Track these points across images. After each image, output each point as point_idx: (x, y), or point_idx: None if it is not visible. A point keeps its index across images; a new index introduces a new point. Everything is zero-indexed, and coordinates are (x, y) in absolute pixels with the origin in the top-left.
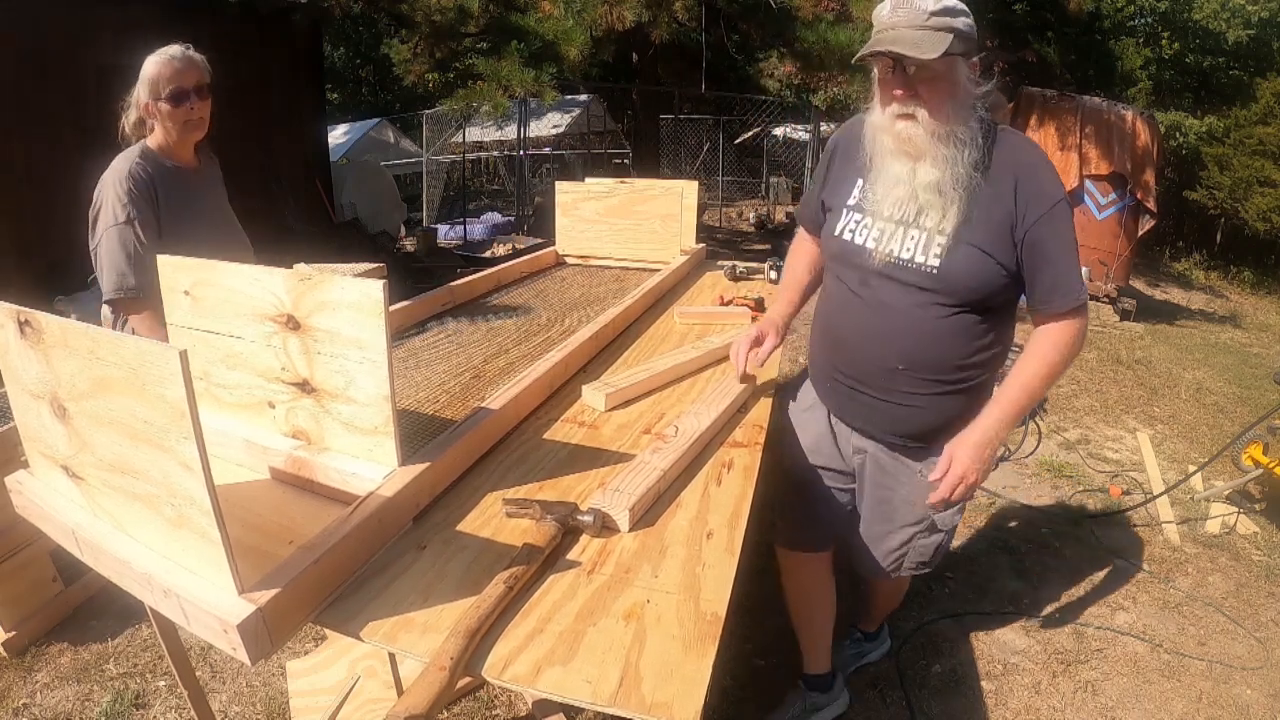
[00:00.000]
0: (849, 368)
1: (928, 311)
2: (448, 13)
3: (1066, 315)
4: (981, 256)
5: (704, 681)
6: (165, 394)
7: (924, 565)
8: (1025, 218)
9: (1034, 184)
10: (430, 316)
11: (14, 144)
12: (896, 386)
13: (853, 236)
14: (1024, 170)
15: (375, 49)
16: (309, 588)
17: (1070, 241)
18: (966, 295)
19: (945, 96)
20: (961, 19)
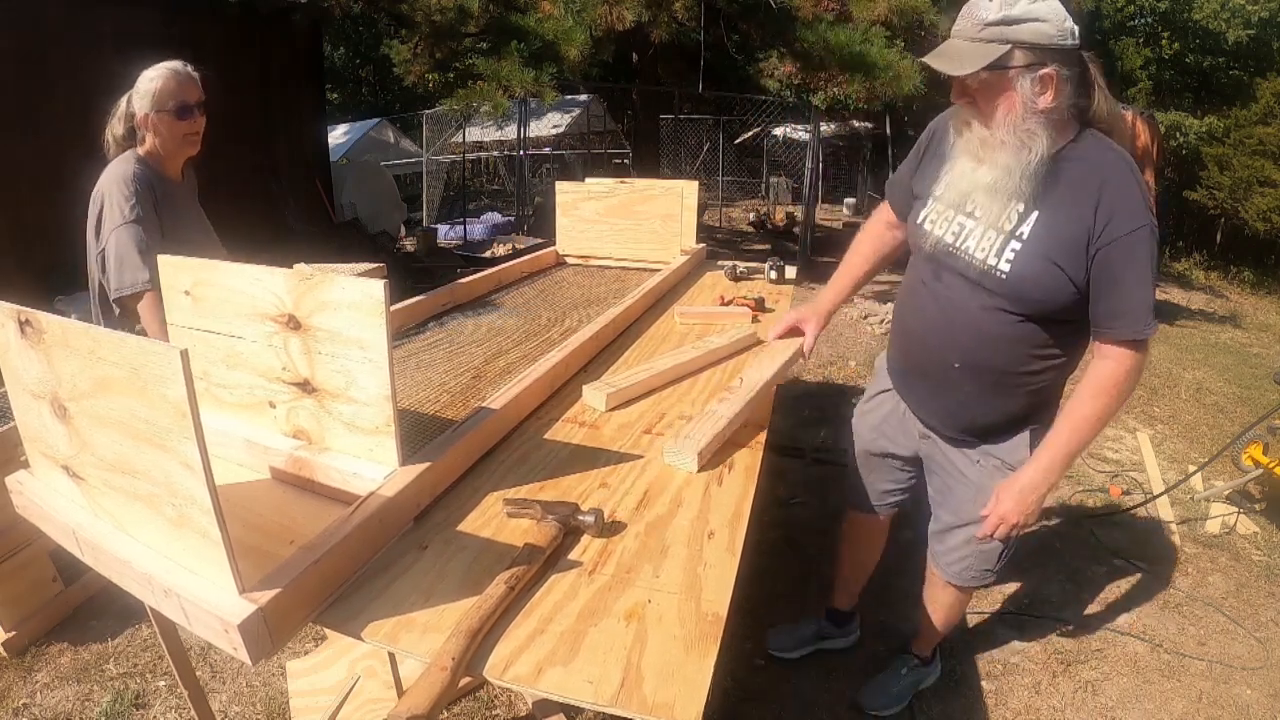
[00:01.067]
0: (913, 358)
1: (992, 316)
2: (448, 13)
3: (1125, 345)
4: (1051, 268)
5: (706, 682)
6: (166, 394)
7: (988, 572)
8: (1102, 235)
9: (1118, 203)
10: (431, 317)
11: (14, 144)
12: (954, 382)
13: (933, 228)
14: (1110, 188)
15: (375, 49)
16: (310, 588)
17: (1146, 271)
18: (1032, 307)
19: (998, 107)
20: (1029, 26)
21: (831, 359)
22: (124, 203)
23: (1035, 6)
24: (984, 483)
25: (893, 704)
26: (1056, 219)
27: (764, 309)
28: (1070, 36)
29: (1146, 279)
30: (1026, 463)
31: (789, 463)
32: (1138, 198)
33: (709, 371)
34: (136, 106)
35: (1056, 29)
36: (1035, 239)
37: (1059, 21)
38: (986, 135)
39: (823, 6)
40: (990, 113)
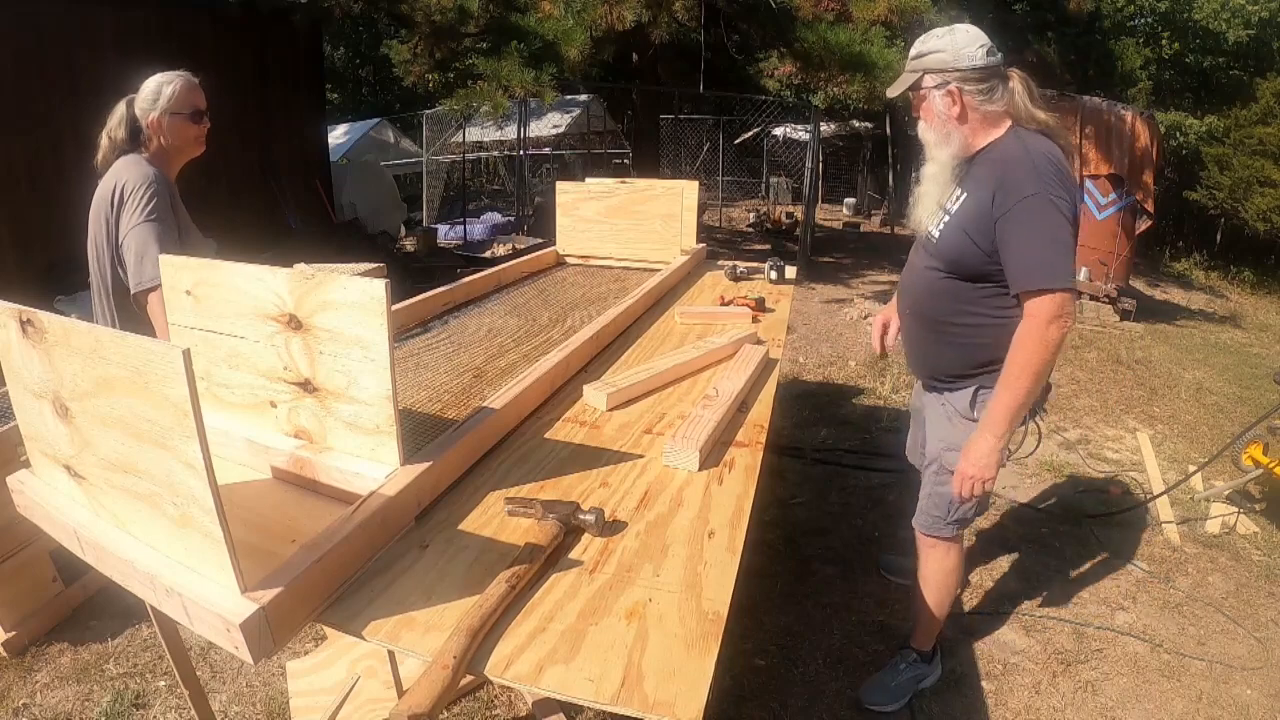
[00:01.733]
0: (899, 314)
1: (929, 273)
2: (448, 13)
3: (1030, 297)
4: (963, 236)
5: (706, 680)
6: (168, 393)
7: (940, 520)
8: (997, 209)
9: (1009, 181)
10: (431, 317)
11: (14, 145)
12: (913, 329)
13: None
14: (1005, 167)
15: (375, 49)
16: (311, 587)
17: (1036, 231)
18: (952, 265)
19: (927, 115)
20: (932, 57)
21: (831, 359)
22: (149, 201)
23: (937, 42)
24: (939, 425)
25: (891, 700)
26: (971, 198)
27: (764, 309)
28: (970, 60)
29: (1035, 239)
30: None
31: (789, 463)
32: (1027, 175)
33: (709, 371)
34: (146, 109)
35: (953, 55)
36: (957, 214)
37: (958, 49)
38: (927, 134)
39: (823, 6)
40: (926, 121)
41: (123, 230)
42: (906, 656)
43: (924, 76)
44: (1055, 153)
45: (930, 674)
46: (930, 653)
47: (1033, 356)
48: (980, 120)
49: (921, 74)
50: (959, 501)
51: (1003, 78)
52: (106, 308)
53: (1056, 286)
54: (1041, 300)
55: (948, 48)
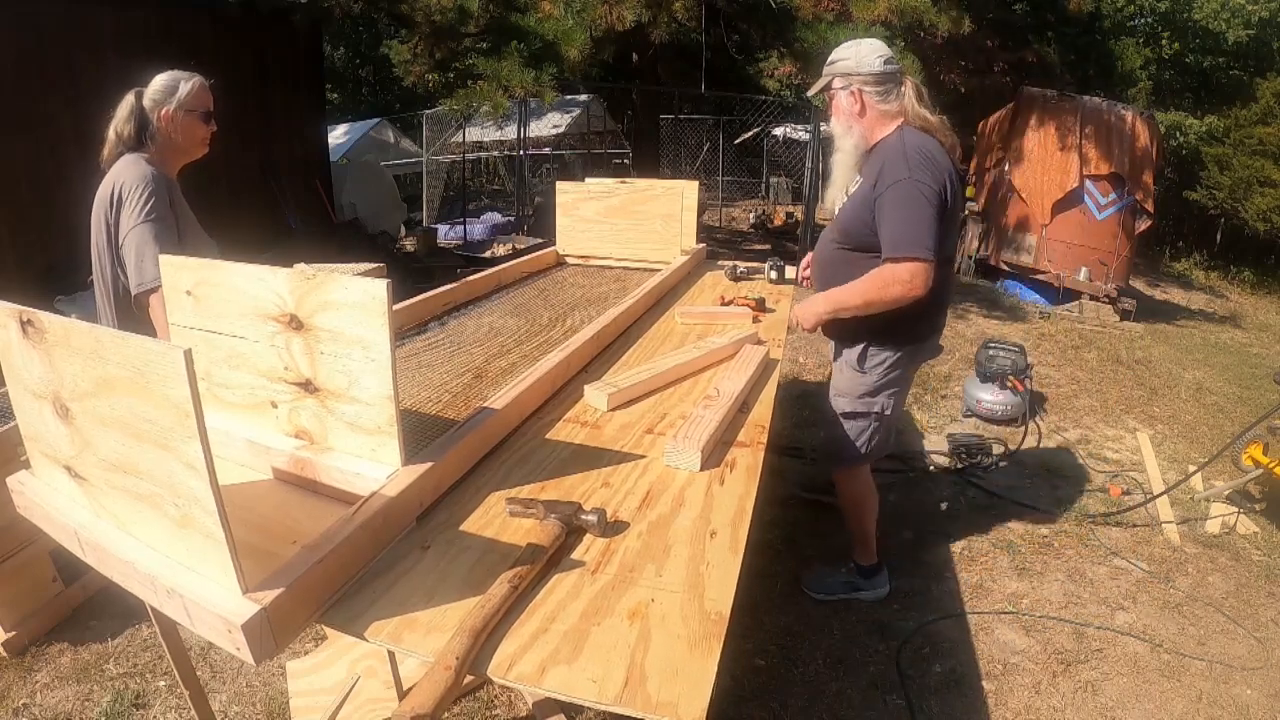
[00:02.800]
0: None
1: (832, 246)
2: (448, 13)
3: (888, 261)
4: (856, 214)
5: (709, 680)
6: (169, 394)
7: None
8: (876, 191)
9: (884, 168)
10: (431, 317)
11: (14, 145)
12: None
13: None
14: (885, 157)
15: (375, 49)
16: (313, 587)
17: (900, 210)
18: (846, 238)
19: (836, 111)
20: (839, 64)
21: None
22: (147, 201)
23: (845, 52)
24: (837, 377)
25: (822, 591)
26: (864, 183)
27: (764, 309)
28: (870, 67)
29: (898, 216)
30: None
31: (789, 463)
32: (897, 163)
33: (710, 372)
34: (161, 101)
35: (857, 63)
36: (853, 197)
37: (861, 58)
38: (834, 128)
39: (823, 6)
40: (835, 116)
41: (122, 231)
42: (846, 564)
43: (834, 80)
44: (929, 146)
45: (868, 589)
46: (870, 569)
47: (870, 289)
48: (876, 117)
49: (832, 78)
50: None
51: (898, 83)
52: (108, 309)
53: (911, 255)
54: (899, 266)
55: (853, 56)
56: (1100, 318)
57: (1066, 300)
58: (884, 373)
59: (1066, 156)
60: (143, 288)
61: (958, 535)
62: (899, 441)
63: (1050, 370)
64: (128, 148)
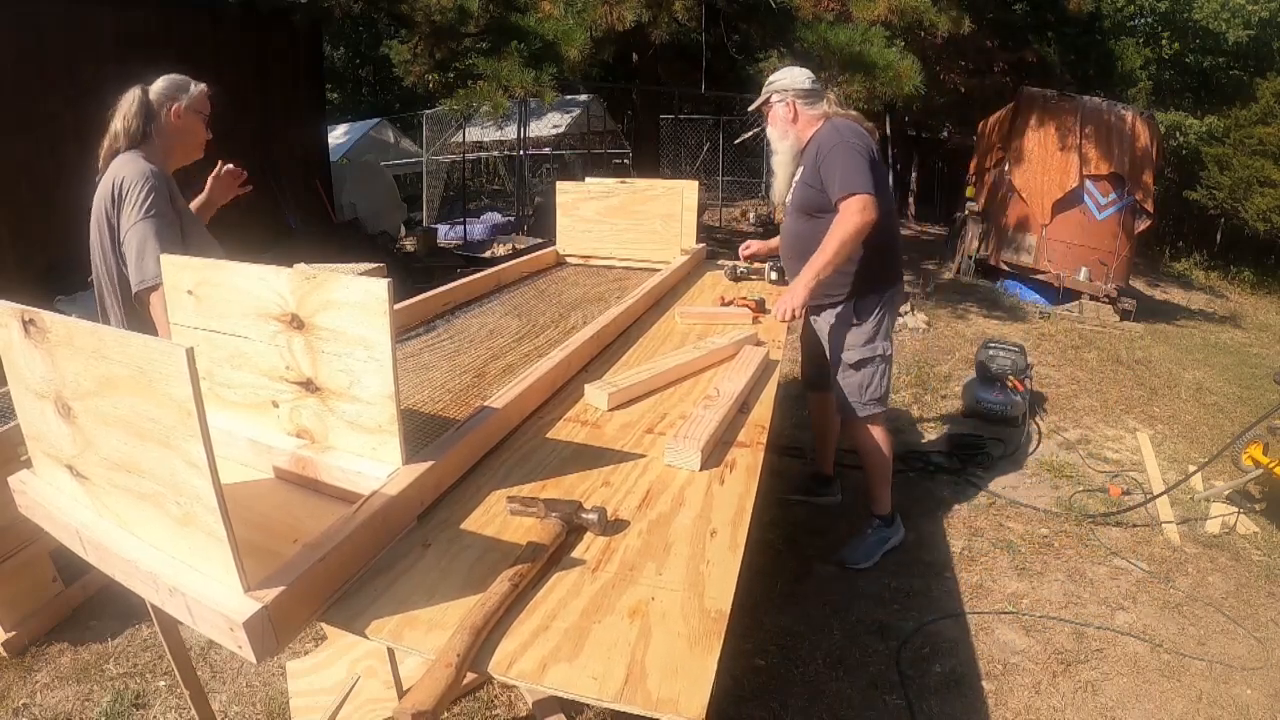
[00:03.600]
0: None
1: (797, 221)
2: (448, 13)
3: (839, 203)
4: (808, 188)
5: (710, 677)
6: (172, 392)
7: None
8: (818, 161)
9: (821, 147)
10: (432, 316)
11: (14, 144)
12: (794, 270)
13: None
14: (820, 139)
15: (375, 49)
16: (314, 586)
17: (840, 163)
18: (806, 208)
19: (774, 121)
20: (777, 83)
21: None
22: (148, 198)
23: (778, 75)
24: (837, 333)
25: (866, 559)
26: (808, 166)
27: (764, 309)
28: (800, 84)
29: (839, 167)
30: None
31: (789, 462)
32: (832, 135)
33: (710, 372)
34: (172, 96)
35: (791, 81)
36: (800, 179)
37: (794, 78)
38: (773, 134)
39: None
40: (773, 125)
41: (123, 228)
42: (870, 523)
43: (772, 95)
44: (852, 123)
45: (894, 535)
46: (890, 517)
47: (836, 232)
48: (807, 120)
49: (770, 94)
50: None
51: (821, 96)
52: (116, 308)
53: (856, 191)
54: (848, 201)
55: (787, 76)
56: (1100, 318)
57: (1066, 300)
58: (878, 317)
59: (1066, 156)
60: (143, 285)
61: (958, 535)
62: (899, 441)
63: (1050, 370)
64: (130, 143)
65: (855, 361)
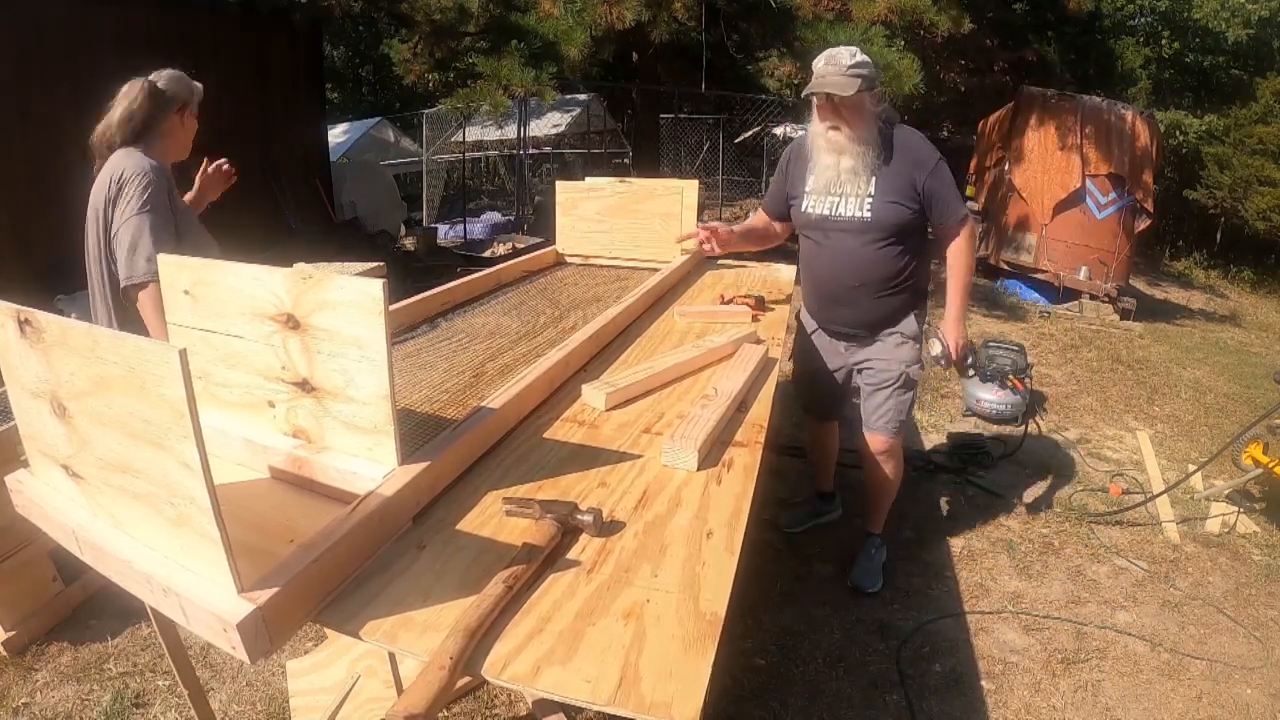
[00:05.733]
0: (828, 293)
1: (867, 247)
2: (447, 12)
3: (954, 226)
4: (895, 205)
5: (704, 681)
6: (165, 393)
7: (903, 421)
8: (918, 177)
9: (917, 156)
10: (430, 316)
11: (14, 144)
12: (858, 297)
13: (813, 210)
14: (911, 151)
15: (375, 48)
16: (309, 587)
17: (948, 185)
18: (889, 230)
19: (858, 116)
20: (867, 69)
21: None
22: (145, 193)
23: (861, 56)
24: (893, 352)
25: (878, 579)
26: (891, 176)
27: (764, 308)
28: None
29: (951, 187)
30: (945, 312)
31: (788, 462)
32: (926, 149)
33: (708, 371)
34: (184, 100)
35: (872, 70)
36: (879, 192)
37: (873, 65)
38: (851, 134)
39: (823, 6)
40: (853, 121)
41: (116, 222)
42: (874, 543)
43: (863, 83)
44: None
45: (885, 551)
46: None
47: (971, 260)
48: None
49: (862, 79)
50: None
51: None
52: (105, 307)
53: (966, 212)
54: (967, 225)
55: (866, 58)
56: (1100, 317)
57: (1066, 299)
58: (921, 334)
59: (1067, 156)
60: (132, 280)
61: (958, 535)
62: None
63: (1050, 369)
64: (131, 137)
65: (907, 381)
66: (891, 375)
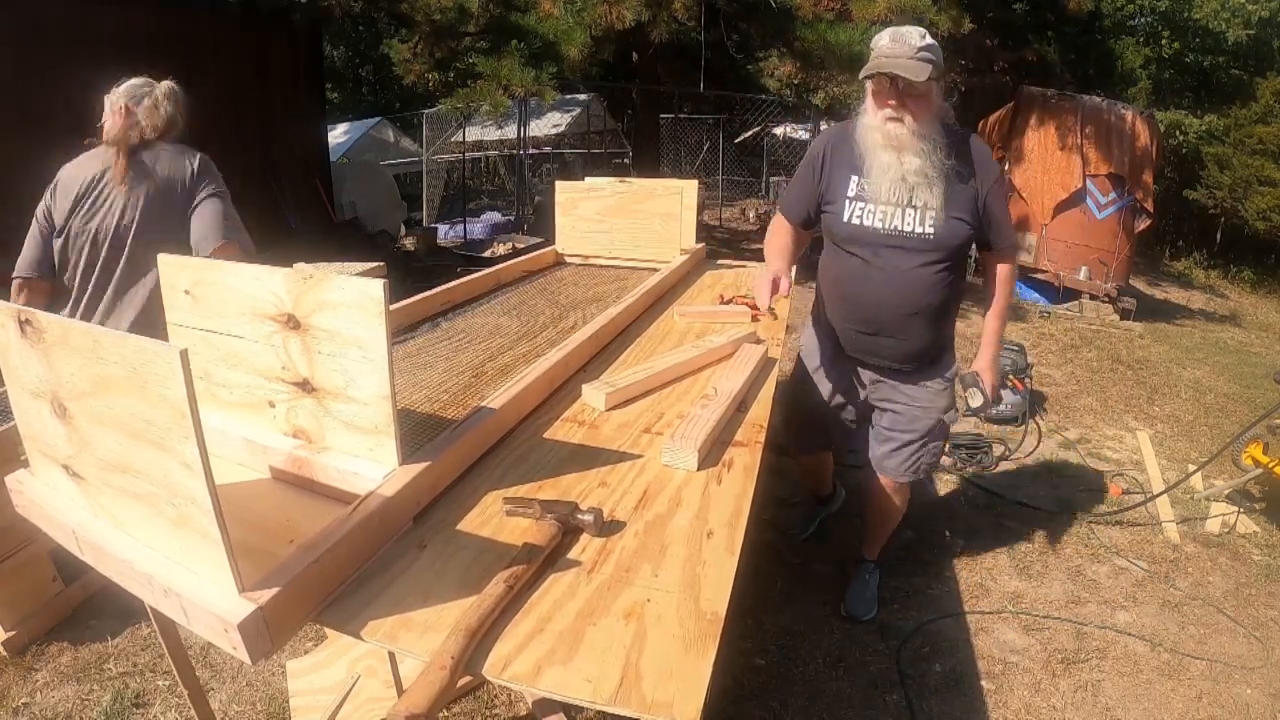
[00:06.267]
0: (869, 319)
1: (927, 269)
2: (448, 12)
3: (1010, 253)
4: (961, 223)
5: (704, 680)
6: (166, 393)
7: (933, 467)
8: (980, 192)
9: (985, 169)
10: (430, 316)
11: (14, 144)
12: (910, 327)
13: (861, 220)
14: (978, 159)
15: (375, 48)
16: (309, 587)
17: (1005, 205)
18: (952, 253)
19: (924, 107)
20: (937, 54)
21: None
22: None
23: (932, 40)
24: (931, 399)
25: (871, 608)
26: (953, 188)
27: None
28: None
29: (1005, 210)
30: (981, 349)
31: (788, 462)
32: (992, 161)
33: (708, 371)
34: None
35: (940, 56)
36: (944, 207)
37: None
38: (916, 128)
39: (823, 6)
40: (920, 112)
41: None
42: (868, 569)
43: (933, 69)
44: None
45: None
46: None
47: (1011, 294)
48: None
49: (932, 65)
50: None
51: None
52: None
53: (1015, 241)
54: (1015, 254)
55: (935, 43)
56: (1100, 317)
57: (1066, 299)
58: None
59: (1067, 156)
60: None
61: (958, 535)
62: None
63: (1050, 369)
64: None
65: (942, 430)
66: (925, 426)
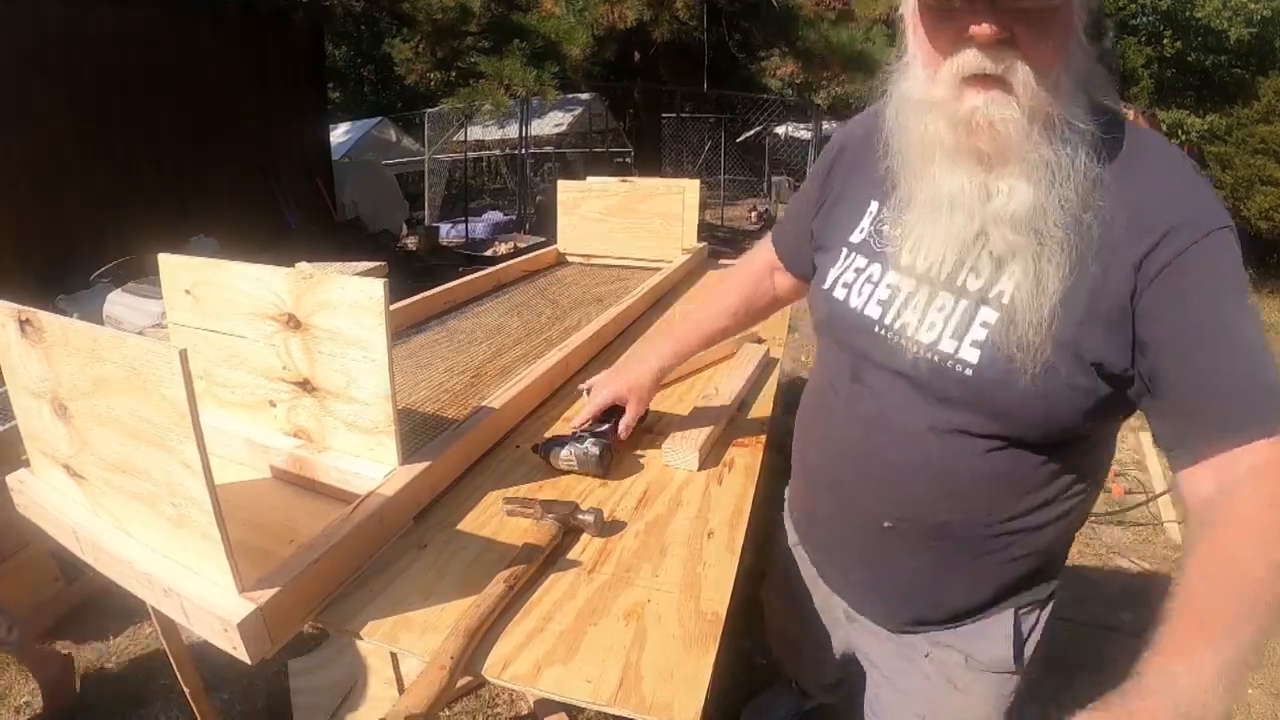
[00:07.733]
0: (821, 507)
1: (953, 440)
2: (449, 12)
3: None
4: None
5: (705, 681)
6: (166, 394)
7: None
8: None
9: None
10: (431, 316)
11: (14, 143)
12: (886, 550)
13: (848, 295)
14: (1169, 198)
15: (377, 48)
16: (309, 587)
17: (1240, 317)
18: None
19: (1055, 50)
20: None
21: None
22: None
23: None
24: (933, 698)
25: None
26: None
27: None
28: None
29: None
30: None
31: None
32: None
33: (709, 371)
34: None
35: None
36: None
37: None
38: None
39: (825, 5)
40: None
41: None
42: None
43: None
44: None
45: None
46: None
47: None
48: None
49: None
50: None
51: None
52: None
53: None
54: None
55: None
56: None
57: None
58: (1034, 649)
59: None
60: None
61: None
62: None
63: None
64: None
65: None
66: None
